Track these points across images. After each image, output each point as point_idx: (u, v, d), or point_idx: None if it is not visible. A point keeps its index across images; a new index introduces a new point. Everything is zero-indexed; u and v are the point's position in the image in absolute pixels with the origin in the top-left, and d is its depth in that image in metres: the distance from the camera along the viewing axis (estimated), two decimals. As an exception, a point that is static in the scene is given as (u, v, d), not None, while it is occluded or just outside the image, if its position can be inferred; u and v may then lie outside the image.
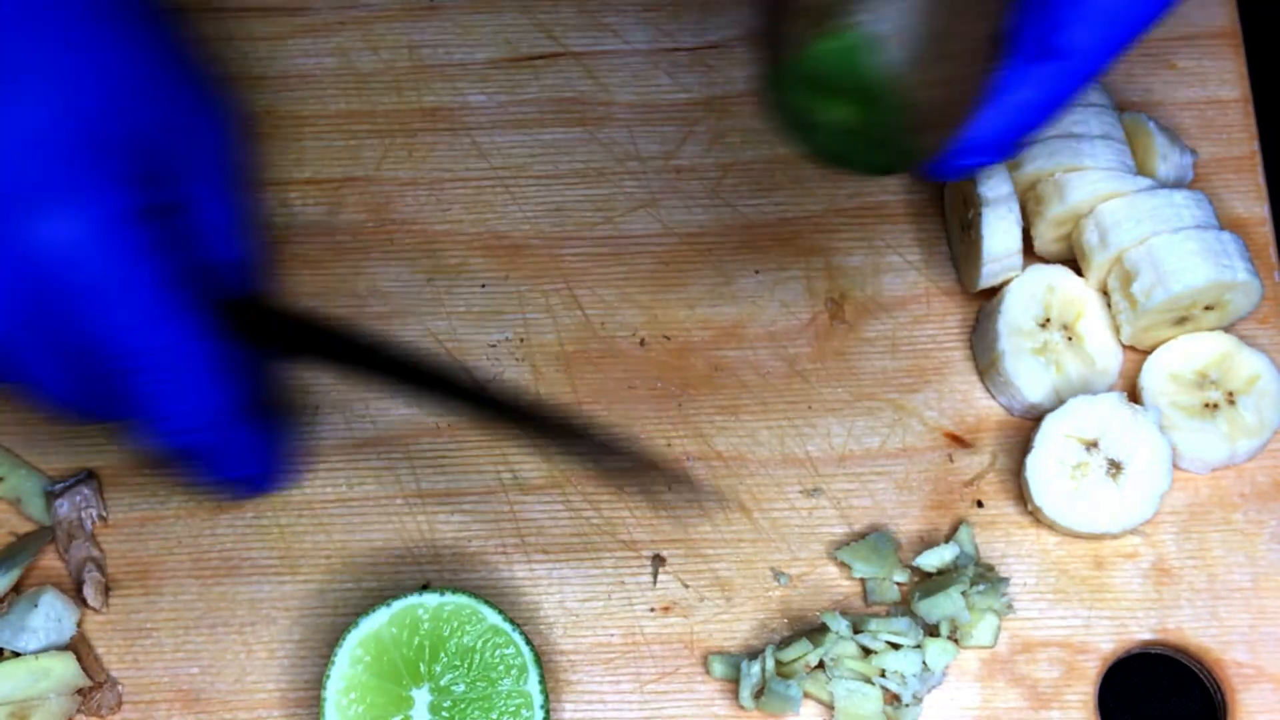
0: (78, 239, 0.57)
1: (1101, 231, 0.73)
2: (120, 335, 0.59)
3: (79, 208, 0.57)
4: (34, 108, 0.57)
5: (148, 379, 0.60)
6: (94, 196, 0.58)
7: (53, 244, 0.57)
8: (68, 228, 0.57)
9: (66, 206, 0.57)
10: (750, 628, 0.72)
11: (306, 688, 0.71)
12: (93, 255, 0.58)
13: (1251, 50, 0.81)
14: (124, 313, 0.58)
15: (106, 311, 0.58)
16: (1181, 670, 0.72)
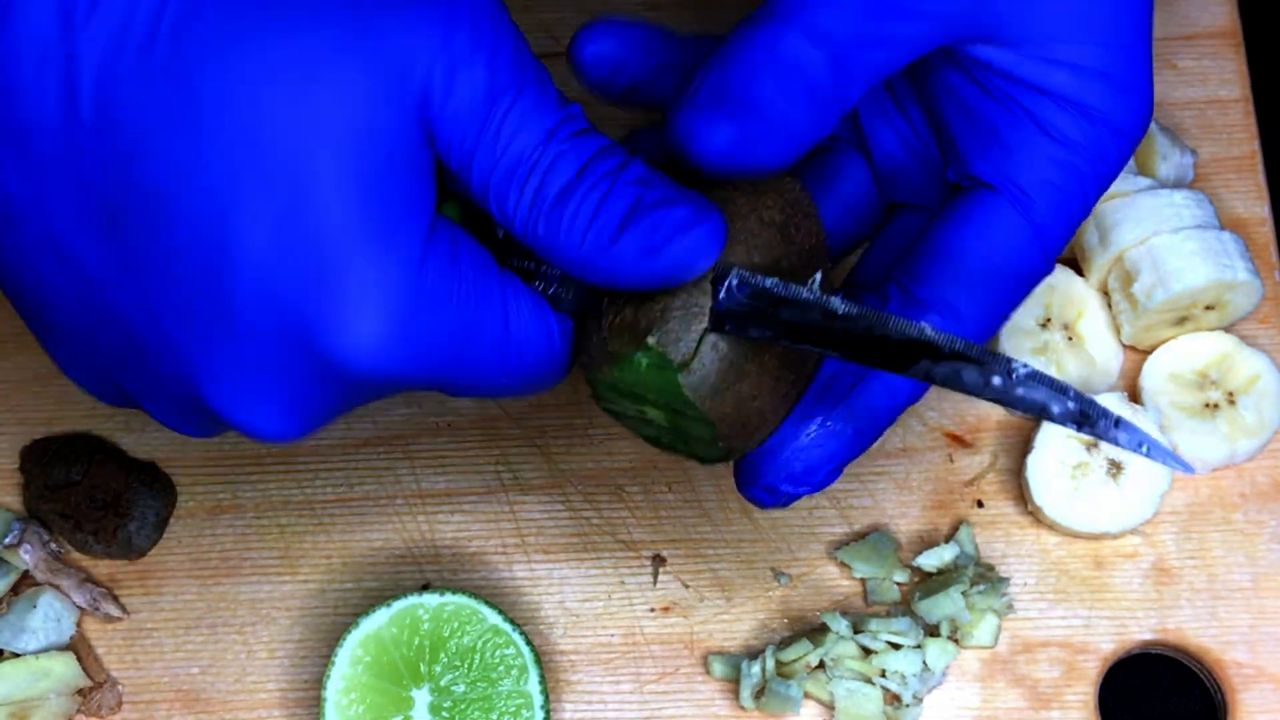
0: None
1: (1102, 231, 0.73)
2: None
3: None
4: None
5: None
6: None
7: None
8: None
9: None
10: (750, 628, 0.72)
11: (306, 688, 0.71)
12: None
13: (1252, 50, 0.81)
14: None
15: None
16: (1182, 670, 0.72)
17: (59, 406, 0.75)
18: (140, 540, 0.72)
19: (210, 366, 0.50)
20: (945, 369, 0.50)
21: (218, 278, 0.48)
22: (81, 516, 0.71)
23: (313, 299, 0.48)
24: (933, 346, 0.50)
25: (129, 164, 0.48)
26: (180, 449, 0.74)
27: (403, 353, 0.49)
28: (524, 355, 0.52)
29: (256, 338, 0.49)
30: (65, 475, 0.72)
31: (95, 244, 0.49)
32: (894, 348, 0.51)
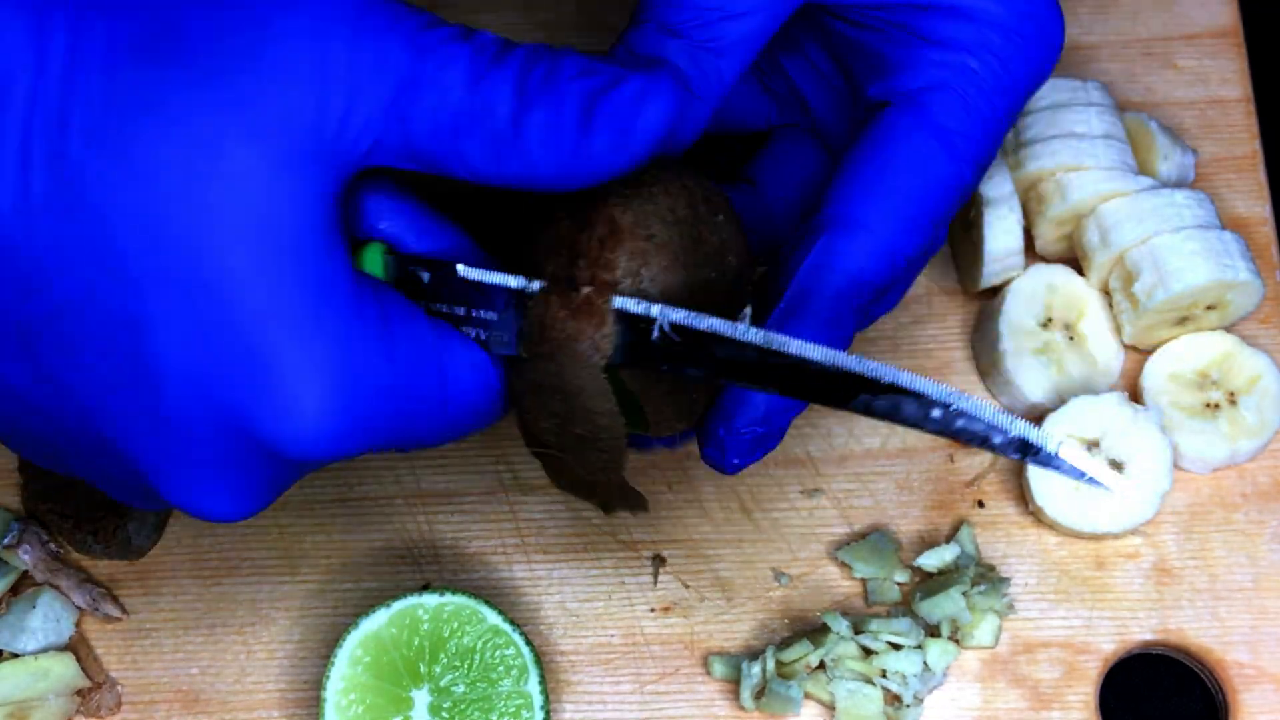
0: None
1: (1103, 231, 0.73)
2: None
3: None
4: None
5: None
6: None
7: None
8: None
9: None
10: (751, 628, 0.72)
11: (306, 688, 0.71)
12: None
13: (1253, 50, 0.81)
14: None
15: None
16: (1182, 671, 0.72)
17: (58, 406, 0.75)
18: (140, 540, 0.72)
19: (152, 465, 0.50)
20: (884, 402, 0.50)
21: (143, 386, 0.48)
22: (81, 516, 0.71)
23: (245, 393, 0.48)
24: (871, 381, 0.50)
25: (32, 287, 0.47)
26: (180, 449, 0.74)
27: (342, 428, 0.49)
28: (463, 406, 0.52)
29: (193, 436, 0.49)
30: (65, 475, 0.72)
31: (14, 362, 0.49)
32: (832, 383, 0.50)
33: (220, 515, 0.52)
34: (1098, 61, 0.80)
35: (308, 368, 0.48)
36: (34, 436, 0.52)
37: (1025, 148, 0.74)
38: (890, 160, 0.58)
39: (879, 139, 0.58)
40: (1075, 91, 0.75)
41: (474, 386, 0.52)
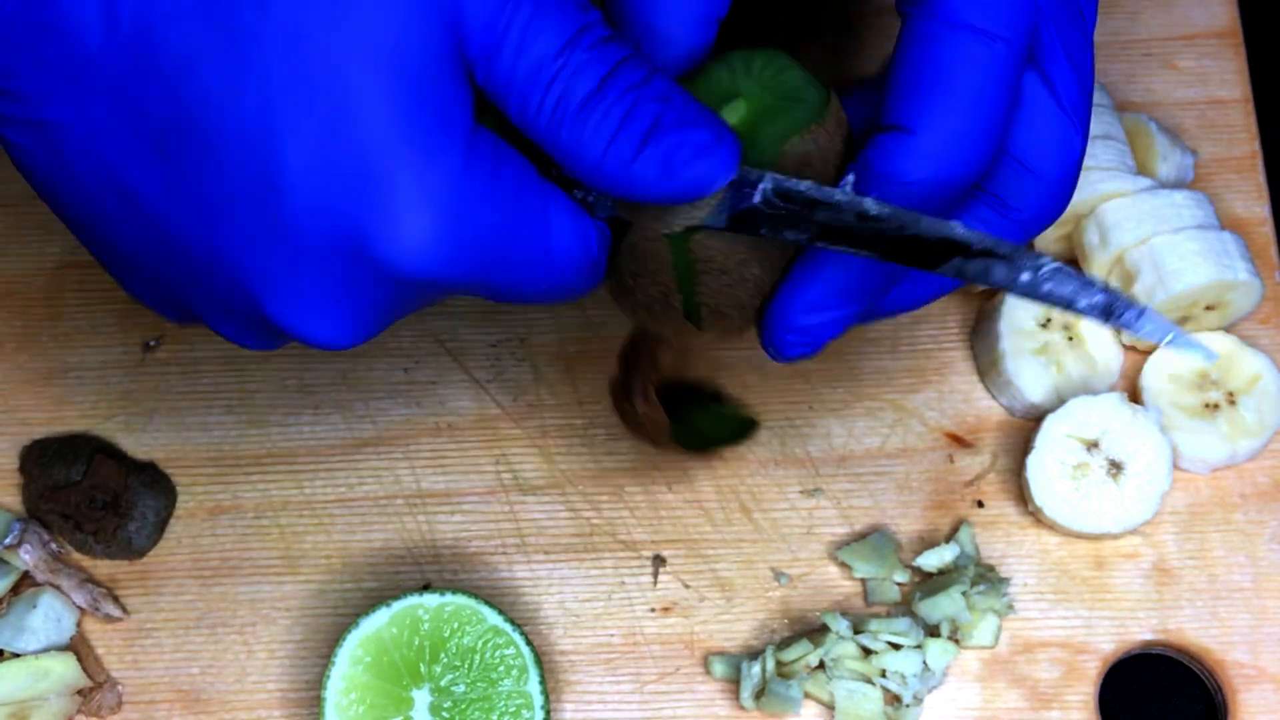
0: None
1: (1102, 231, 0.73)
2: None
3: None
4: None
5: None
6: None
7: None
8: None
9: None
10: (750, 628, 0.72)
11: (306, 688, 0.71)
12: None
13: (1252, 50, 0.81)
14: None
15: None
16: (1182, 671, 0.72)
17: (59, 406, 0.75)
18: (140, 540, 0.72)
19: (267, 281, 0.52)
20: (976, 266, 0.52)
21: (268, 194, 0.50)
22: (81, 516, 0.71)
23: (361, 206, 0.50)
24: (963, 245, 0.51)
25: (174, 88, 0.49)
26: (180, 449, 0.74)
27: (449, 254, 0.51)
28: (563, 259, 0.54)
29: (309, 249, 0.51)
30: (65, 475, 0.72)
31: (148, 170, 0.51)
32: (926, 246, 0.52)
33: (326, 338, 0.53)
34: (1097, 61, 0.80)
35: (419, 189, 0.50)
36: (151, 254, 0.53)
37: (1025, 148, 0.74)
38: (913, 62, 0.57)
39: (905, 45, 0.58)
40: (1075, 92, 0.75)
41: (575, 240, 0.54)
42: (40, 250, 0.78)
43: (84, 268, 0.77)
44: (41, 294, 0.77)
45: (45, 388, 0.75)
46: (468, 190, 0.51)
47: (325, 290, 0.52)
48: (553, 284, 0.54)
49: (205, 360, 0.76)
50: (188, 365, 0.76)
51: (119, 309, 0.76)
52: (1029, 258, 0.51)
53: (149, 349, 0.76)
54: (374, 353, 0.76)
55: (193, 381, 0.76)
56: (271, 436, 0.75)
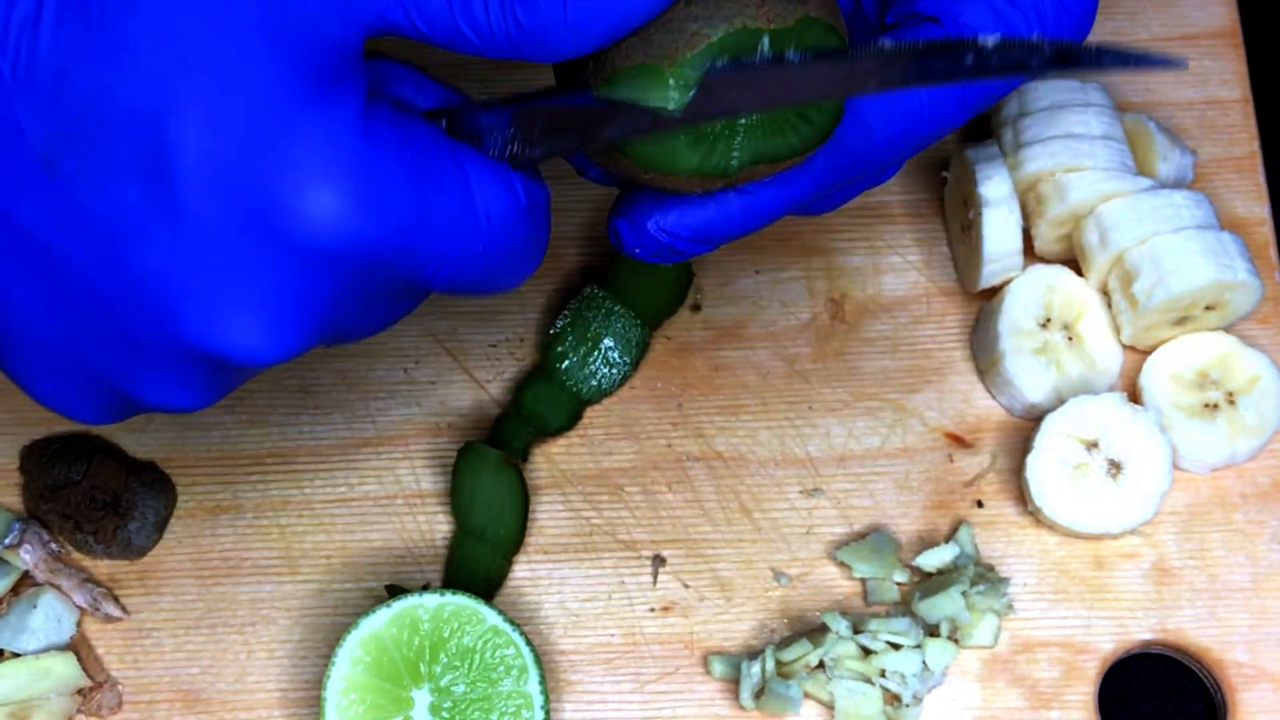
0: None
1: (1102, 231, 0.73)
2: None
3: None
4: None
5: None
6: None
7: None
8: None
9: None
10: (750, 628, 0.72)
11: (306, 688, 0.71)
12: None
13: (1252, 50, 0.81)
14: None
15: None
16: (1182, 670, 0.72)
17: (59, 406, 0.75)
18: (140, 540, 0.72)
19: (182, 291, 0.49)
20: (915, 66, 0.50)
21: (165, 191, 0.48)
22: (81, 516, 0.71)
23: (261, 186, 0.48)
24: (896, 53, 0.50)
25: (54, 97, 0.48)
26: (180, 449, 0.74)
27: (361, 217, 0.49)
28: (493, 215, 0.52)
29: (217, 243, 0.48)
30: (65, 475, 0.72)
31: (37, 196, 0.49)
32: (883, 61, 0.50)
33: (252, 348, 0.50)
34: (1097, 62, 0.80)
35: (319, 158, 0.48)
36: (53, 309, 0.50)
37: (1024, 148, 0.74)
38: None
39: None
40: (1074, 92, 0.75)
41: (498, 189, 0.52)
42: (40, 250, 0.78)
43: (84, 268, 0.77)
44: (41, 294, 0.77)
45: (45, 388, 0.75)
46: (371, 147, 0.49)
47: (240, 284, 0.49)
48: (488, 245, 0.52)
49: (205, 360, 0.76)
50: (188, 365, 0.76)
51: (119, 309, 0.76)
52: (965, 42, 0.49)
53: (149, 349, 0.76)
54: (374, 353, 0.76)
55: (193, 381, 0.76)
56: (271, 436, 0.75)
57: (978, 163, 0.73)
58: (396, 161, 0.50)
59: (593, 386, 0.74)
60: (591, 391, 0.74)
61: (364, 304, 0.52)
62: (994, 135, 0.76)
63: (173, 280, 0.49)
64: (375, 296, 0.52)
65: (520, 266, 0.55)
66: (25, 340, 0.52)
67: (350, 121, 0.49)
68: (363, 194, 0.49)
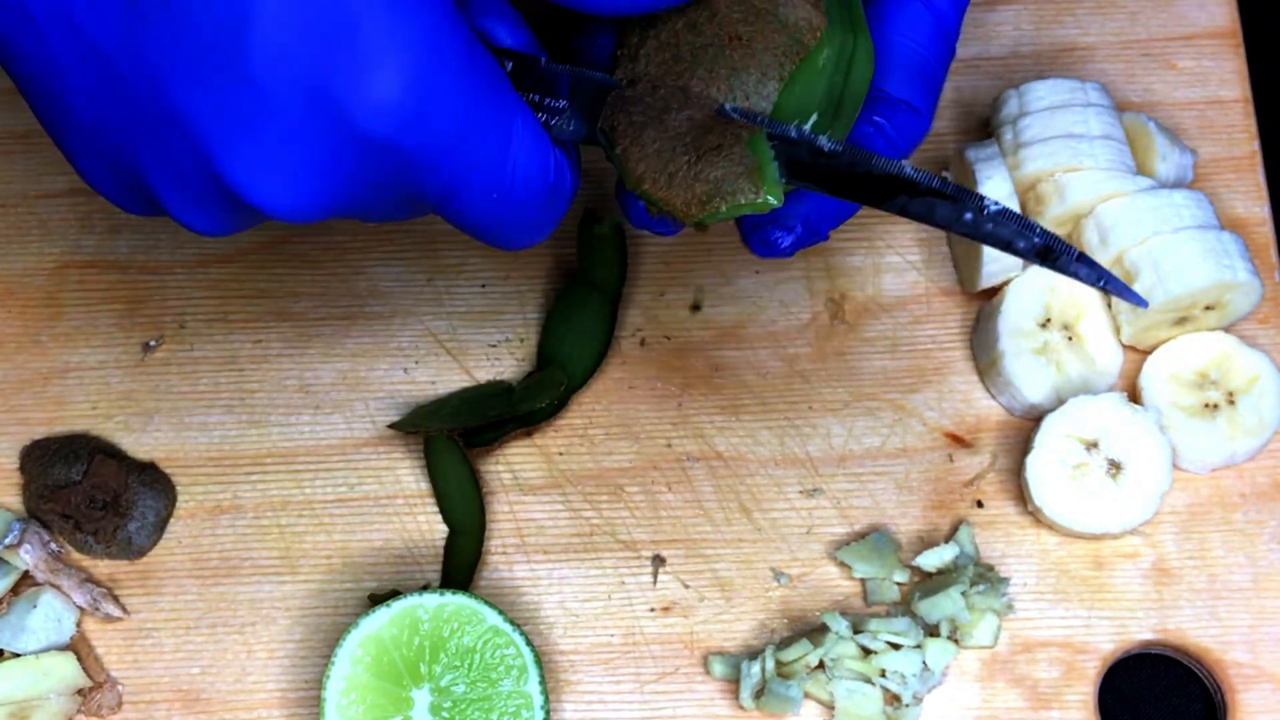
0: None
1: (1102, 231, 0.73)
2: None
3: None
4: None
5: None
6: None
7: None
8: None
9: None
10: (750, 628, 0.72)
11: (306, 688, 0.71)
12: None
13: (1251, 50, 0.81)
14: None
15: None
16: (1182, 670, 0.72)
17: (59, 406, 0.75)
18: (140, 540, 0.72)
19: (223, 134, 0.51)
20: (920, 204, 0.54)
21: (234, 41, 0.49)
22: (81, 516, 0.71)
23: (330, 56, 0.50)
24: (911, 183, 0.54)
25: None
26: (180, 449, 0.74)
27: (412, 121, 0.51)
28: (520, 175, 0.54)
29: (270, 100, 0.50)
30: (65, 475, 0.72)
31: (113, 18, 0.50)
32: (875, 183, 0.54)
33: (279, 201, 0.52)
34: (1096, 62, 0.80)
35: (394, 51, 0.50)
36: (114, 121, 0.53)
37: (1024, 148, 0.74)
38: (916, 45, 0.62)
39: (904, 25, 0.62)
40: (1074, 92, 0.75)
41: (536, 157, 0.54)
42: (40, 250, 0.78)
43: (84, 268, 0.77)
44: (41, 294, 0.77)
45: (45, 388, 0.75)
46: (439, 65, 0.51)
47: (280, 145, 0.51)
48: (505, 196, 0.54)
49: (205, 360, 0.76)
50: (187, 365, 0.76)
51: (119, 309, 0.77)
52: (973, 198, 0.54)
53: (149, 349, 0.76)
54: (374, 352, 0.76)
55: (193, 381, 0.76)
56: (271, 436, 0.75)
57: (978, 163, 0.73)
58: (458, 83, 0.51)
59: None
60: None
61: (379, 196, 0.54)
62: (994, 135, 0.76)
63: (218, 126, 0.51)
64: (391, 193, 0.54)
65: (526, 232, 0.57)
66: (74, 125, 0.54)
67: (430, 33, 0.51)
68: (420, 100, 0.51)
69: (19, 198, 0.78)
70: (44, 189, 0.78)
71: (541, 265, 0.77)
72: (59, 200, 0.78)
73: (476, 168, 0.53)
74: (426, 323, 0.76)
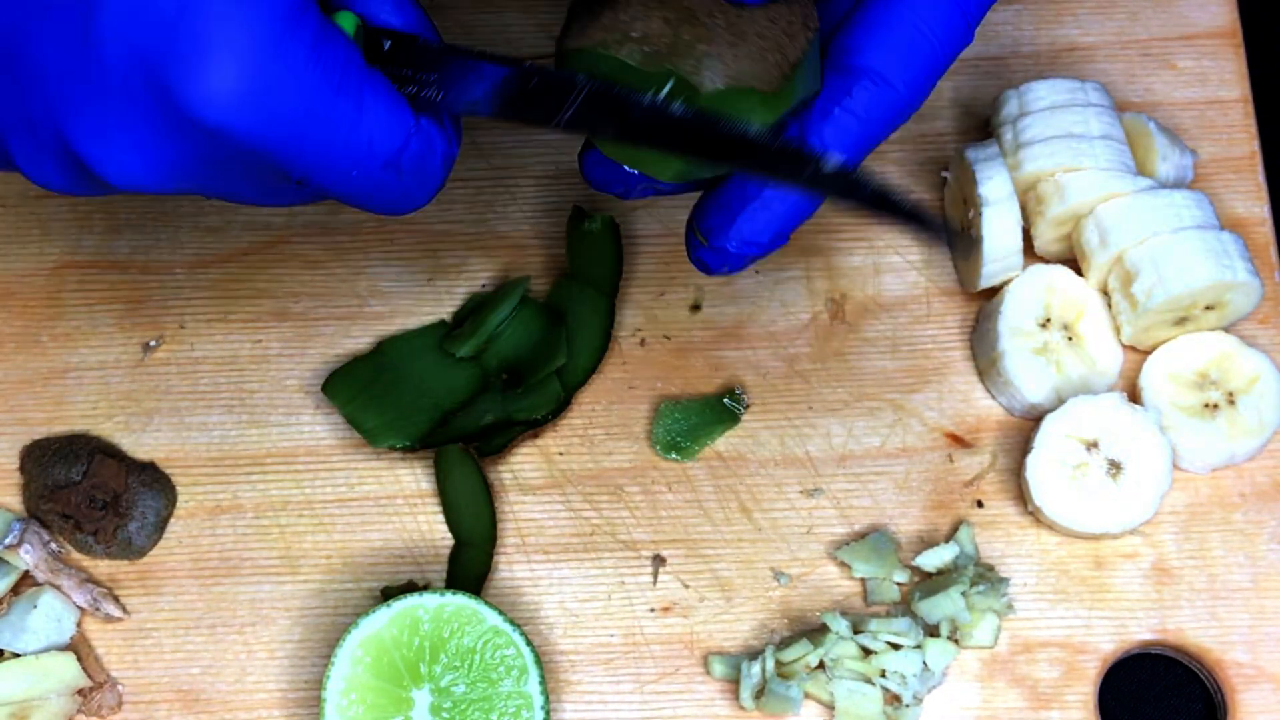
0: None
1: (1102, 231, 0.73)
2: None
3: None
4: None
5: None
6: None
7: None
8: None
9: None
10: (750, 628, 0.72)
11: (306, 688, 0.71)
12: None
13: (1251, 50, 0.81)
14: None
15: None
16: (1181, 671, 0.72)
17: (59, 406, 0.75)
18: (140, 540, 0.72)
19: (72, 100, 0.52)
20: (761, 165, 0.56)
21: (86, 12, 0.50)
22: (81, 517, 0.71)
23: (167, 44, 0.50)
24: (752, 144, 0.55)
25: None
26: (180, 449, 0.74)
27: (251, 115, 0.51)
28: (378, 151, 0.55)
29: (115, 79, 0.51)
30: (65, 475, 0.72)
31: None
32: (720, 144, 0.56)
33: (120, 174, 0.53)
34: (1096, 62, 0.80)
35: (231, 41, 0.51)
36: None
37: (1024, 148, 0.74)
38: (918, 21, 0.61)
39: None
40: (1074, 92, 0.75)
41: (392, 128, 0.55)
42: (40, 250, 0.78)
43: (84, 268, 0.77)
44: (41, 294, 0.77)
45: (45, 388, 0.75)
46: (280, 55, 0.51)
47: (122, 122, 0.52)
48: (368, 176, 0.55)
49: (205, 360, 0.76)
50: (187, 365, 0.76)
51: (119, 309, 0.77)
52: (811, 158, 0.55)
53: (149, 349, 0.76)
54: (374, 353, 0.76)
55: (193, 381, 0.76)
56: (271, 436, 0.75)
57: (978, 163, 0.73)
58: (301, 71, 0.52)
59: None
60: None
61: (232, 177, 0.55)
62: (994, 135, 0.76)
63: (68, 97, 0.52)
64: (244, 173, 0.55)
65: (400, 201, 0.57)
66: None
67: (272, 21, 0.51)
68: (258, 91, 0.51)
69: (19, 198, 0.78)
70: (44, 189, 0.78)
71: (541, 265, 0.77)
72: (59, 200, 0.78)
73: (328, 148, 0.54)
74: (426, 323, 0.76)
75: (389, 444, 0.72)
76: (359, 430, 0.73)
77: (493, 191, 0.79)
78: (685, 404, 0.74)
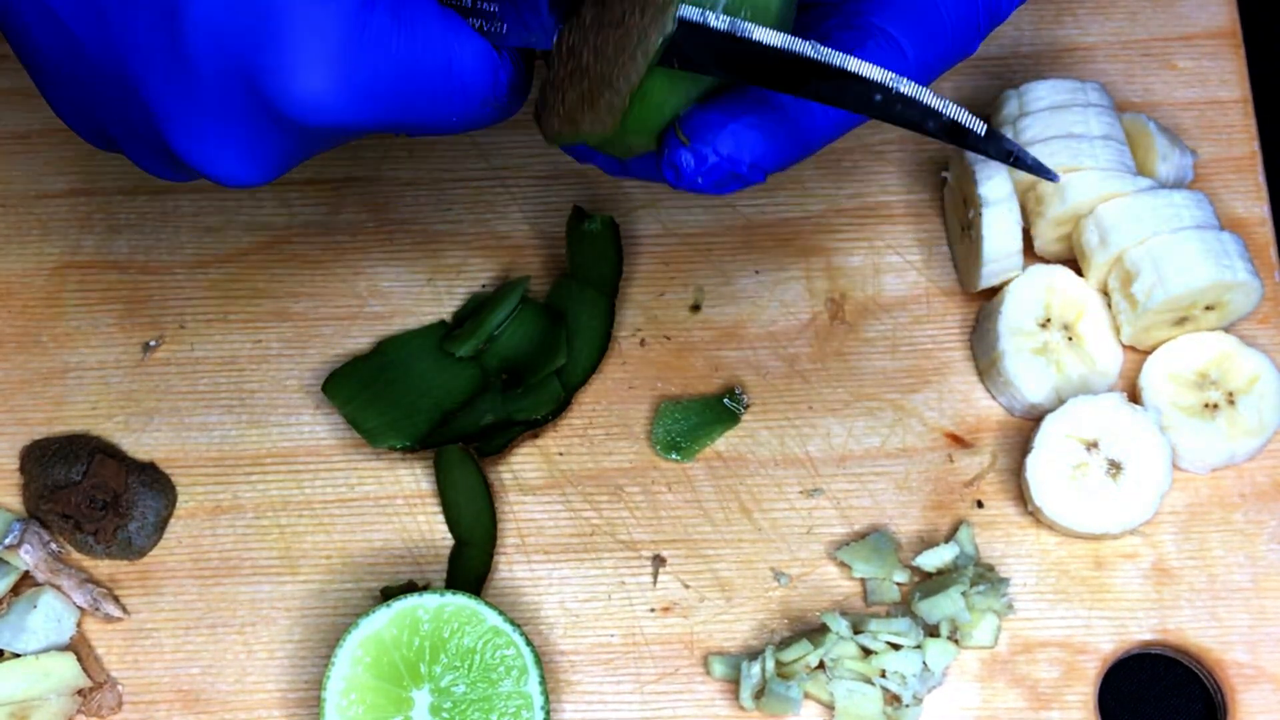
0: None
1: (1102, 231, 0.73)
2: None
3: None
4: None
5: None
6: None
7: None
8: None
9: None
10: (750, 628, 0.72)
11: (306, 688, 0.71)
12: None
13: (1251, 50, 0.81)
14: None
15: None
16: (1181, 671, 0.72)
17: (59, 407, 0.75)
18: (140, 540, 0.72)
19: (169, 111, 0.53)
20: (830, 87, 0.53)
21: (171, 26, 0.51)
22: (81, 517, 0.71)
23: (257, 47, 0.51)
24: (822, 67, 0.53)
25: None
26: (180, 449, 0.74)
27: (347, 99, 0.52)
28: (469, 92, 0.55)
29: (208, 83, 0.52)
30: (65, 475, 0.72)
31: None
32: (788, 67, 0.53)
33: (227, 175, 0.54)
34: (1096, 62, 0.80)
35: (314, 33, 0.51)
36: (79, 81, 0.55)
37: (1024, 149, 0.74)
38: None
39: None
40: (1074, 92, 0.75)
41: (480, 73, 0.55)
42: (40, 250, 0.78)
43: (84, 268, 0.77)
44: (41, 294, 0.77)
45: (45, 388, 0.75)
46: (364, 34, 0.51)
47: (222, 128, 0.53)
48: (460, 115, 0.55)
49: (205, 360, 0.76)
50: (187, 365, 0.76)
51: (119, 309, 0.77)
52: (880, 79, 0.53)
53: (149, 349, 0.76)
54: (374, 353, 0.76)
55: (193, 381, 0.76)
56: (271, 436, 0.75)
57: (978, 163, 0.73)
58: (387, 44, 0.52)
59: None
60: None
61: (341, 143, 0.56)
62: (994, 135, 0.76)
63: (164, 102, 0.53)
64: (340, 142, 0.55)
65: (497, 120, 0.57)
66: (49, 81, 0.57)
67: (346, 14, 0.51)
68: (350, 80, 0.52)
69: (19, 198, 0.78)
70: (44, 189, 0.78)
71: (540, 265, 0.77)
72: (59, 200, 0.78)
73: (428, 105, 0.54)
74: (426, 323, 0.76)
75: (389, 444, 0.72)
76: (359, 430, 0.73)
77: (493, 191, 0.79)
78: (685, 404, 0.74)
